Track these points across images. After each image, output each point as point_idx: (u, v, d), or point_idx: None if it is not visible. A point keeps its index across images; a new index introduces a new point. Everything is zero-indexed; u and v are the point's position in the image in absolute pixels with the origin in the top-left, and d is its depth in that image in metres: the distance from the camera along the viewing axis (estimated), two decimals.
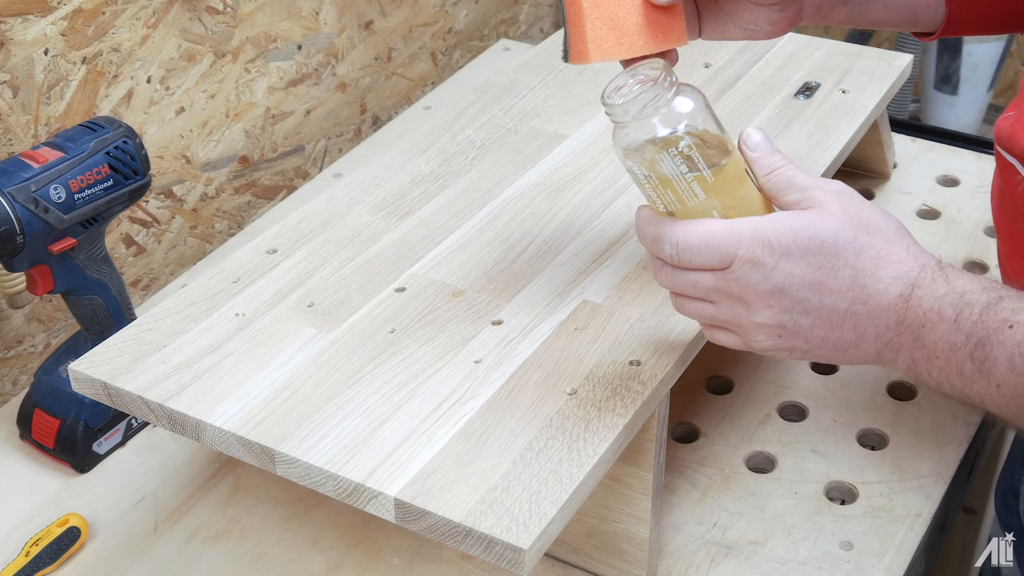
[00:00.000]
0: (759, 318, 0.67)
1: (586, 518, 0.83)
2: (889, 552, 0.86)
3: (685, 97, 0.67)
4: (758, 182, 0.69)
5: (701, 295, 0.68)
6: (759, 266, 0.65)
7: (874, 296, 0.65)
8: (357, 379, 0.78)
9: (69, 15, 1.04)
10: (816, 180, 0.67)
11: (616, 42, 0.74)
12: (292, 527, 0.91)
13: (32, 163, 0.88)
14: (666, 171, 0.67)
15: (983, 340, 0.62)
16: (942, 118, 1.90)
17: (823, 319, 0.66)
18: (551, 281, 0.87)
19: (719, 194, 0.67)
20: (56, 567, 0.88)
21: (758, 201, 0.69)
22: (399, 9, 1.44)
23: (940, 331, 0.64)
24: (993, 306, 0.63)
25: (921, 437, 0.96)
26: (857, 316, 0.66)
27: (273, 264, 0.90)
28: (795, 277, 0.65)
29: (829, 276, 0.65)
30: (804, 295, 0.66)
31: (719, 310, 0.68)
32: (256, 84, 1.26)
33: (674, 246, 0.66)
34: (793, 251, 0.65)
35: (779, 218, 0.66)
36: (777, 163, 0.68)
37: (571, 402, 0.75)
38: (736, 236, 0.65)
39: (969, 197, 1.22)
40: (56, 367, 0.97)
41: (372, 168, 1.01)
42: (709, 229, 0.66)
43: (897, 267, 0.65)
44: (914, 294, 0.65)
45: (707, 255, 0.66)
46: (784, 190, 0.67)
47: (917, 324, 0.65)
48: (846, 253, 0.65)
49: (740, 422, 0.98)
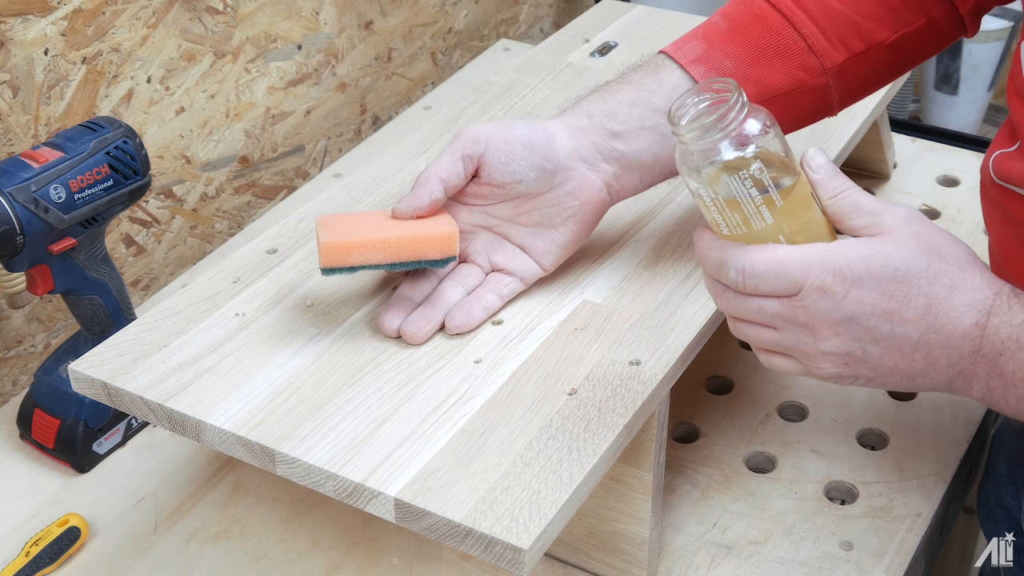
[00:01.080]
0: (826, 346, 0.66)
1: (586, 518, 0.83)
2: (889, 552, 0.86)
3: (755, 119, 0.65)
4: (822, 205, 0.67)
5: (765, 321, 0.67)
6: (829, 294, 0.64)
7: (948, 325, 0.64)
8: (357, 379, 0.78)
9: (69, 15, 1.04)
10: (884, 204, 0.66)
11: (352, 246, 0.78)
12: (292, 527, 0.91)
13: (32, 163, 0.88)
14: (734, 194, 0.65)
15: None
16: (942, 118, 1.89)
17: (893, 348, 0.65)
18: (551, 281, 0.87)
19: (786, 218, 0.66)
20: (56, 567, 0.88)
21: (823, 225, 0.67)
22: (399, 9, 1.44)
23: (1020, 359, 0.63)
24: None
25: (921, 437, 0.96)
26: (929, 345, 0.65)
27: (273, 264, 0.90)
28: (866, 306, 0.64)
29: (902, 305, 0.64)
30: (875, 324, 0.64)
31: (783, 337, 0.67)
32: (256, 84, 1.26)
33: (740, 272, 0.65)
34: (865, 279, 0.64)
35: (850, 245, 0.64)
36: (842, 186, 0.66)
37: (571, 402, 0.75)
38: (806, 263, 0.64)
39: (969, 197, 1.22)
40: (56, 367, 0.97)
41: (372, 168, 1.01)
42: (777, 255, 0.64)
43: (972, 295, 0.64)
44: (990, 322, 0.64)
45: (774, 282, 0.65)
46: (851, 214, 0.66)
47: (995, 353, 0.64)
48: (919, 281, 0.64)
49: (740, 422, 0.98)
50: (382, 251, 0.79)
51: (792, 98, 0.83)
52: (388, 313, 0.81)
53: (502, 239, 0.84)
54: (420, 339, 0.80)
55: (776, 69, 0.82)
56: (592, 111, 0.82)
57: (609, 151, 0.82)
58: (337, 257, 0.78)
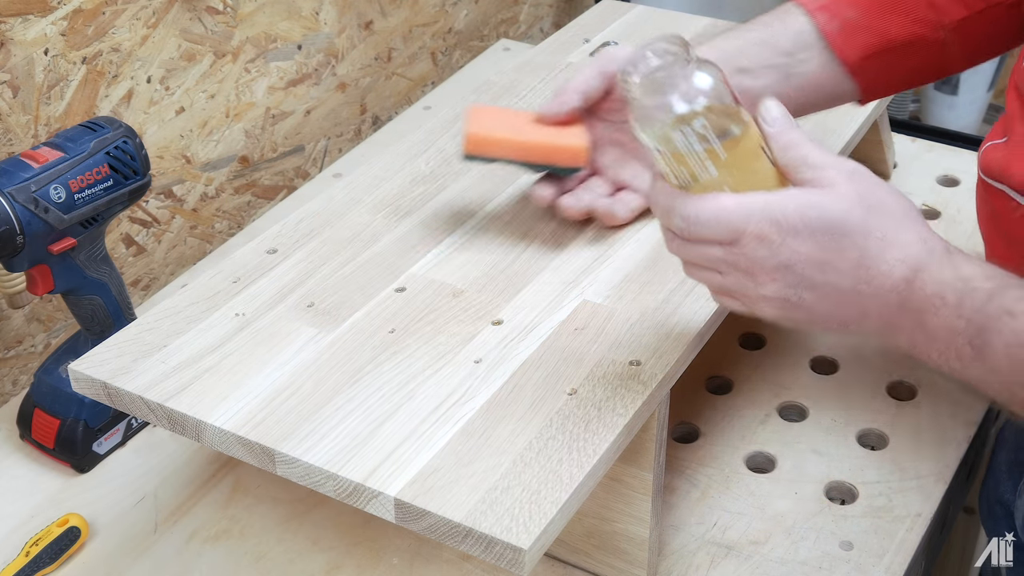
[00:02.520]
0: (765, 291, 0.68)
1: (586, 518, 0.83)
2: (889, 552, 0.86)
3: (702, 73, 0.67)
4: (773, 157, 0.69)
5: (710, 265, 0.69)
6: (766, 242, 0.66)
7: (878, 277, 0.66)
8: (357, 379, 0.78)
9: (69, 15, 1.04)
10: (831, 159, 0.68)
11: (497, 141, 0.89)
12: (292, 527, 0.91)
13: (32, 163, 0.88)
14: (680, 147, 0.67)
15: (983, 327, 0.63)
16: (942, 118, 1.89)
17: (826, 296, 0.67)
18: (551, 281, 0.87)
19: (732, 170, 0.68)
20: (56, 567, 0.88)
21: (772, 176, 0.69)
22: (399, 9, 1.44)
23: (942, 316, 0.65)
24: (996, 295, 0.64)
25: (921, 437, 0.96)
26: (861, 295, 0.67)
27: (273, 264, 0.90)
28: (801, 255, 0.66)
29: (835, 256, 0.66)
30: (809, 273, 0.66)
31: (726, 280, 0.69)
32: (256, 84, 1.26)
33: (685, 219, 0.67)
34: (801, 230, 0.66)
35: (789, 196, 0.66)
36: (794, 139, 0.68)
37: (571, 402, 0.75)
38: (746, 212, 0.66)
39: (969, 197, 1.22)
40: (56, 367, 0.97)
41: (372, 168, 1.01)
42: (719, 204, 0.67)
43: (903, 250, 0.66)
44: (918, 278, 0.65)
45: (716, 229, 0.67)
46: (799, 167, 0.68)
47: (919, 308, 0.65)
48: (853, 235, 0.66)
49: (740, 422, 0.98)
50: (518, 151, 0.89)
51: (910, 51, 0.88)
52: (539, 185, 0.90)
53: (631, 157, 0.90)
54: (575, 213, 0.90)
55: (896, 21, 0.87)
56: (724, 47, 0.88)
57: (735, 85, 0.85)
58: (478, 148, 0.89)
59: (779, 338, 1.07)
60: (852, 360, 1.04)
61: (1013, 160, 0.75)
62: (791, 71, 0.88)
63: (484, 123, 0.90)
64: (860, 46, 0.88)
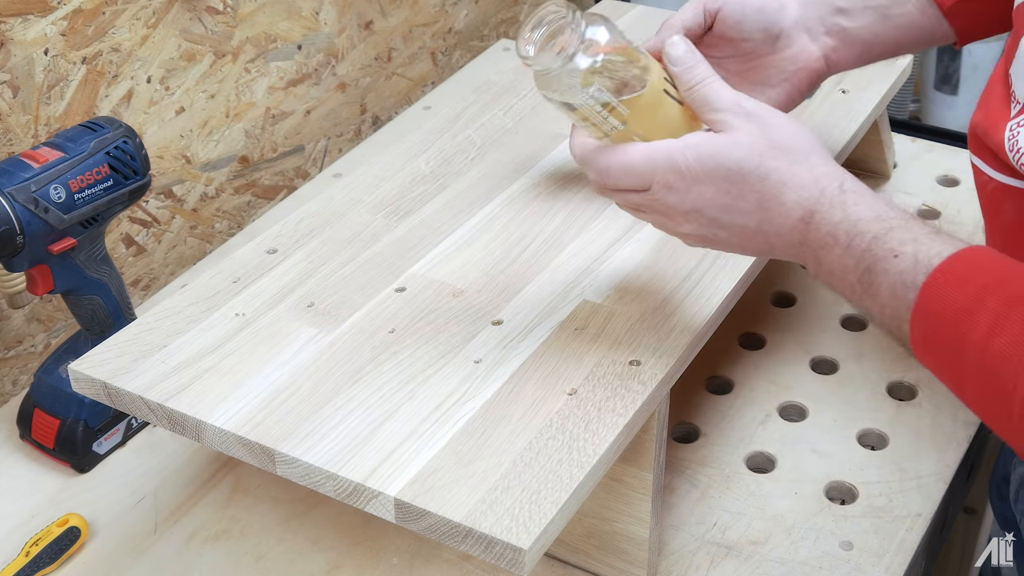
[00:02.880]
0: (683, 230, 0.73)
1: (586, 518, 0.83)
2: (889, 552, 0.86)
3: (593, 32, 0.69)
4: (680, 96, 0.72)
5: (632, 207, 0.74)
6: (674, 190, 0.71)
7: (778, 218, 0.70)
8: (357, 379, 0.78)
9: (69, 15, 1.04)
10: (730, 100, 0.71)
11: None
12: (292, 527, 0.91)
13: (32, 163, 0.88)
14: (582, 109, 0.70)
15: (870, 267, 0.67)
16: (942, 118, 1.89)
17: (737, 234, 0.72)
18: (551, 281, 0.87)
19: (637, 120, 0.71)
20: (56, 567, 0.88)
21: (679, 119, 0.72)
22: (399, 9, 1.44)
23: (834, 254, 0.69)
24: (882, 236, 0.67)
25: (921, 437, 0.96)
26: (766, 233, 0.71)
27: (273, 264, 0.90)
28: (706, 199, 0.71)
29: (736, 199, 0.70)
30: (717, 215, 0.71)
31: (649, 217, 0.74)
32: (256, 84, 1.26)
33: (598, 172, 0.72)
34: (703, 177, 0.70)
35: (690, 145, 0.70)
36: (697, 77, 0.72)
37: (571, 402, 0.75)
38: (651, 163, 0.70)
39: (969, 197, 1.22)
40: (56, 367, 0.97)
41: (372, 168, 1.01)
42: (627, 158, 0.71)
43: (799, 192, 0.70)
44: (813, 219, 0.70)
45: (627, 180, 0.71)
46: (702, 108, 0.72)
47: (816, 246, 0.70)
48: (750, 179, 0.70)
49: (740, 422, 0.98)
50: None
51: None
52: None
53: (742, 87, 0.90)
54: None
55: None
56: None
57: (832, 25, 0.90)
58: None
59: (779, 338, 1.07)
60: (852, 360, 1.04)
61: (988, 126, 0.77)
62: (889, 12, 0.89)
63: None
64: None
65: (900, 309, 0.66)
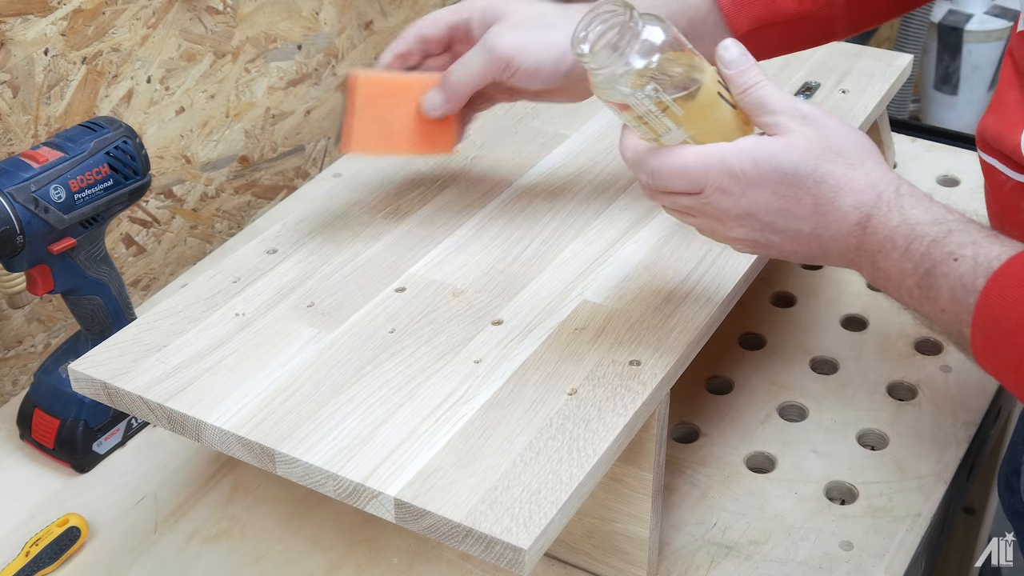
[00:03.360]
0: (734, 234, 0.72)
1: (586, 518, 0.83)
2: (889, 552, 0.86)
3: (649, 31, 0.68)
4: (733, 100, 0.71)
5: (683, 210, 0.73)
6: (728, 194, 0.70)
7: (834, 223, 0.70)
8: (357, 379, 0.78)
9: (69, 15, 1.04)
10: (786, 102, 0.70)
11: (380, 141, 0.87)
12: (292, 527, 0.91)
13: (32, 163, 0.88)
14: (635, 107, 0.69)
15: (929, 271, 0.67)
16: (942, 118, 1.90)
17: (791, 238, 0.71)
18: (551, 281, 0.87)
19: (691, 122, 0.70)
20: (56, 567, 0.88)
21: (733, 122, 0.71)
22: (399, 9, 1.44)
23: (892, 259, 0.68)
24: (941, 239, 0.67)
25: (921, 437, 0.96)
26: (821, 238, 0.71)
27: (273, 264, 0.90)
28: (760, 203, 0.70)
29: (792, 203, 0.70)
30: (771, 219, 0.70)
31: (700, 222, 0.74)
32: (256, 84, 1.26)
33: (650, 175, 0.71)
34: (758, 181, 0.69)
35: (745, 148, 0.69)
36: (751, 80, 0.70)
37: (571, 402, 0.75)
38: (705, 166, 0.69)
39: (969, 197, 1.22)
40: (56, 367, 0.97)
41: (372, 168, 1.01)
42: (680, 160, 0.70)
43: (856, 196, 0.69)
44: (870, 223, 0.69)
45: (680, 183, 0.70)
46: (756, 111, 0.71)
47: (873, 250, 0.69)
48: (807, 183, 0.69)
49: (740, 422, 0.98)
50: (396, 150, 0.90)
51: (798, 25, 0.89)
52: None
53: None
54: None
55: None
56: None
57: None
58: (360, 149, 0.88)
59: (779, 338, 1.07)
60: (852, 360, 1.04)
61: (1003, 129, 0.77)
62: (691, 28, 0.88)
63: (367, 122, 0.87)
64: (751, 18, 0.89)
65: (960, 313, 0.65)
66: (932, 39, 1.82)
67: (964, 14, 1.80)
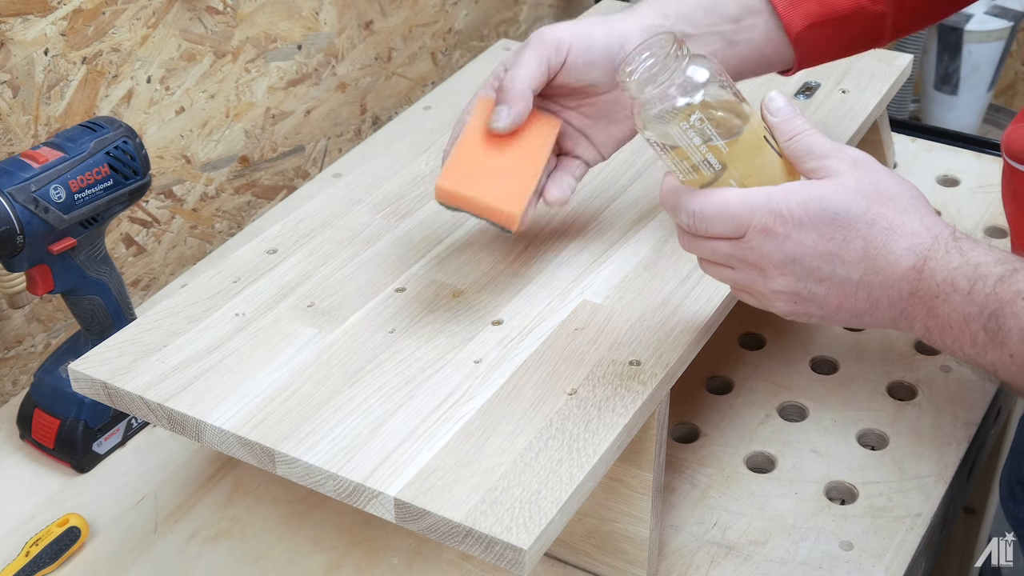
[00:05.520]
0: (775, 285, 0.68)
1: (586, 518, 0.83)
2: (889, 552, 0.86)
3: (697, 68, 0.68)
4: (779, 148, 0.69)
5: (720, 260, 0.70)
6: (772, 236, 0.66)
7: (886, 268, 0.66)
8: (357, 379, 0.78)
9: (69, 15, 1.04)
10: (834, 147, 0.68)
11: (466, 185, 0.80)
12: (292, 527, 0.91)
13: (32, 163, 0.88)
14: (680, 143, 0.68)
15: (996, 312, 0.63)
16: (942, 118, 1.89)
17: (837, 288, 0.68)
18: (551, 281, 0.87)
19: (735, 163, 0.68)
20: (56, 567, 0.88)
21: (778, 168, 0.69)
22: (399, 9, 1.44)
23: (953, 302, 0.65)
24: (1007, 278, 0.64)
25: (921, 437, 0.96)
26: (870, 286, 0.67)
27: (273, 264, 0.90)
28: (807, 247, 0.66)
29: (841, 247, 0.66)
30: (817, 265, 0.67)
31: (737, 275, 0.70)
32: (256, 84, 1.26)
33: (691, 216, 0.68)
34: (805, 222, 0.66)
35: (792, 188, 0.67)
36: (797, 128, 0.68)
37: (571, 402, 0.75)
38: (749, 206, 0.66)
39: (969, 197, 1.22)
40: (56, 367, 0.97)
41: (372, 168, 1.01)
42: (723, 199, 0.67)
43: (910, 239, 0.66)
44: (927, 266, 0.66)
45: (721, 225, 0.67)
46: (803, 157, 0.68)
47: (930, 295, 0.66)
48: (857, 225, 0.66)
49: (740, 422, 0.98)
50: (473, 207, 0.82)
51: (849, 22, 0.87)
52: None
53: (566, 124, 0.87)
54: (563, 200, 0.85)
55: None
56: (667, 11, 0.85)
57: None
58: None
59: (779, 338, 1.07)
60: (852, 360, 1.04)
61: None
62: (735, 38, 0.86)
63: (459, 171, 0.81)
64: (805, 14, 0.87)
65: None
66: (932, 39, 1.82)
67: (964, 14, 1.80)
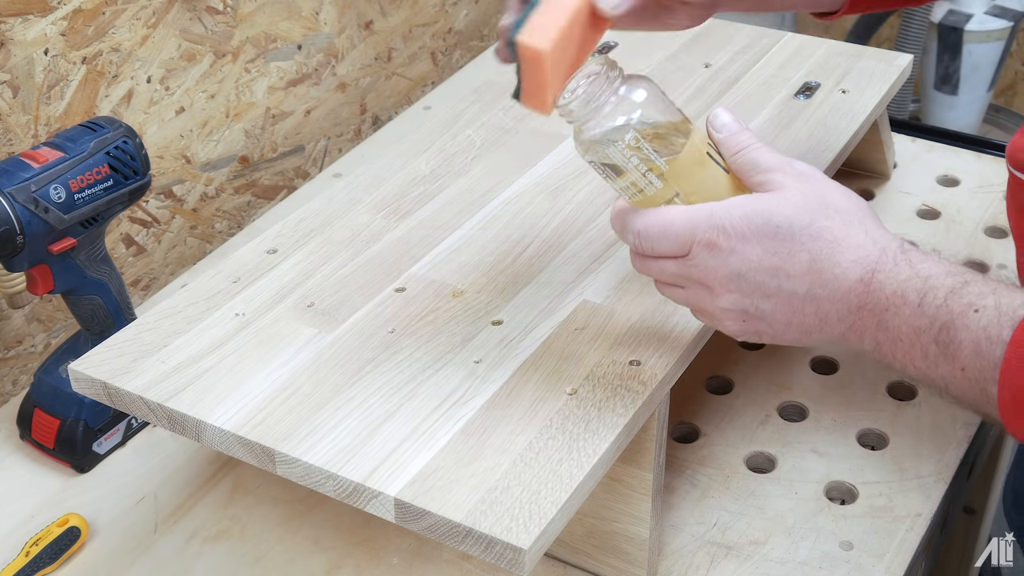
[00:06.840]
0: (722, 303, 0.68)
1: (586, 518, 0.83)
2: (889, 552, 0.86)
3: (631, 90, 0.68)
4: (726, 164, 0.69)
5: (669, 280, 0.69)
6: (716, 251, 0.66)
7: (832, 281, 0.65)
8: (357, 379, 0.78)
9: (69, 15, 1.04)
10: (779, 161, 0.67)
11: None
12: (292, 527, 0.91)
13: (32, 163, 0.88)
14: (621, 164, 0.68)
15: (947, 324, 0.62)
16: (942, 118, 1.89)
17: (784, 303, 0.67)
18: (551, 281, 0.87)
19: (677, 181, 0.68)
20: (56, 567, 0.88)
21: (724, 184, 0.69)
22: (399, 9, 1.44)
23: (904, 315, 0.64)
24: (959, 290, 0.63)
25: (921, 437, 0.96)
26: (818, 300, 0.66)
27: (273, 264, 0.90)
28: (752, 262, 0.66)
29: (786, 261, 0.65)
30: (763, 280, 0.66)
31: (688, 295, 0.69)
32: (256, 84, 1.26)
33: (636, 235, 0.68)
34: (749, 236, 0.65)
35: (735, 203, 0.66)
36: (743, 142, 0.68)
37: (571, 402, 0.75)
38: (692, 223, 0.66)
39: (969, 197, 1.22)
40: (56, 367, 0.97)
41: (372, 168, 1.01)
42: (667, 217, 0.67)
43: (856, 251, 0.65)
44: (875, 279, 0.65)
45: (666, 243, 0.67)
46: (749, 171, 0.68)
47: (880, 308, 0.65)
48: (801, 238, 0.65)
49: (740, 422, 0.98)
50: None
51: None
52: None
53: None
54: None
55: None
56: None
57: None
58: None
59: None
60: (852, 360, 1.04)
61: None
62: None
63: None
64: None
65: (985, 369, 0.61)
66: (932, 39, 1.82)
67: (964, 14, 1.80)
